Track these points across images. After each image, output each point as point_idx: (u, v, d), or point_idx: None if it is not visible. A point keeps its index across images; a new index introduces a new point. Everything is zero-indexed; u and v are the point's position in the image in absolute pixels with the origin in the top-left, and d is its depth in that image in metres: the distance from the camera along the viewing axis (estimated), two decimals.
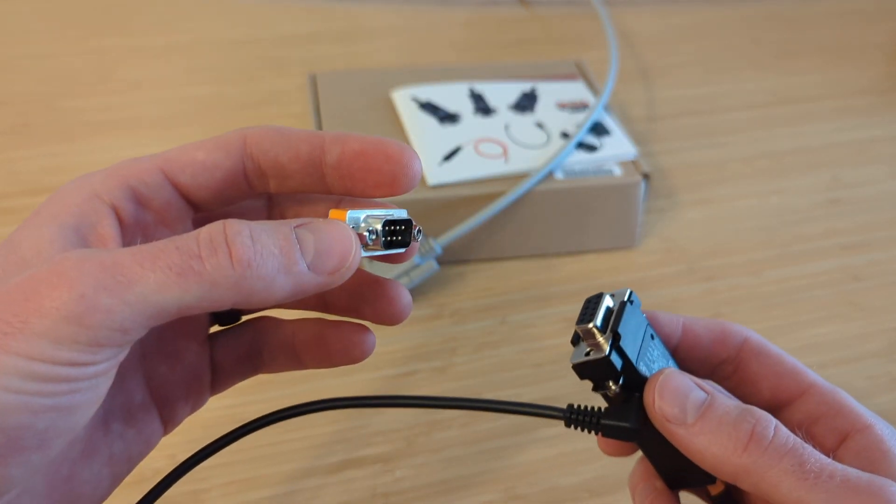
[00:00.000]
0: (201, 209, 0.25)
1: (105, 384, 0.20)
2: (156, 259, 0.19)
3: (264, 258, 0.20)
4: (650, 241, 0.51)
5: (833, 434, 0.25)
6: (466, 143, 0.49)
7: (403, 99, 0.52)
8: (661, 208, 0.53)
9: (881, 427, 0.24)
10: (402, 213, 0.24)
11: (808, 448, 0.22)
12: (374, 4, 0.75)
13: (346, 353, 0.27)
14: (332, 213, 0.23)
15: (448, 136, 0.49)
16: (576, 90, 0.54)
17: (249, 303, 0.20)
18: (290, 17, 0.73)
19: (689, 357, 0.27)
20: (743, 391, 0.27)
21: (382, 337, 0.44)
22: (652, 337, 0.25)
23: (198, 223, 0.25)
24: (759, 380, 0.26)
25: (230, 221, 0.20)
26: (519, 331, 0.44)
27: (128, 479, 0.34)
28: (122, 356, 0.20)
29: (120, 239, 0.22)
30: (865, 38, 0.74)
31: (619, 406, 0.25)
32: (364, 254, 0.22)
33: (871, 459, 0.23)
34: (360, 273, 0.26)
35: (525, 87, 0.54)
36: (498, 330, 0.44)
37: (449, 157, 0.47)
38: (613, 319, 0.24)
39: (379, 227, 0.23)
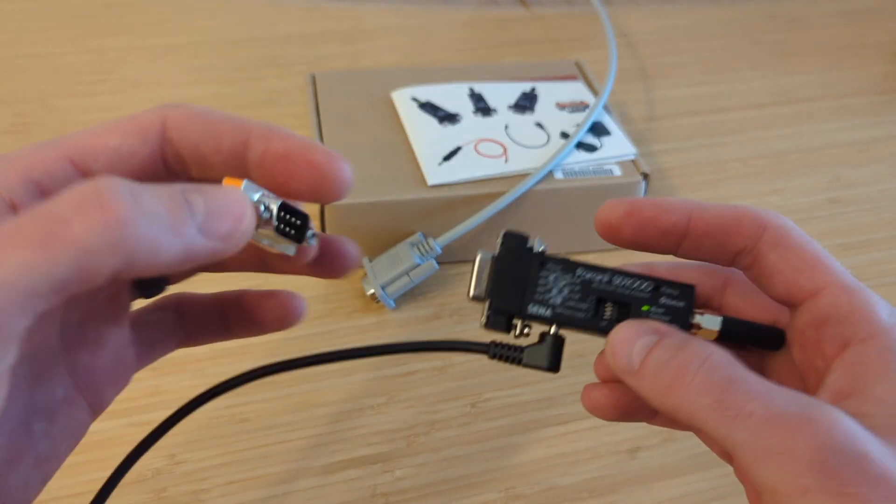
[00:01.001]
0: None
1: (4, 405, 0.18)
2: (12, 235, 0.16)
3: (148, 217, 0.17)
4: None
5: (836, 341, 0.23)
6: (466, 143, 0.49)
7: (403, 99, 0.52)
8: None
9: (886, 340, 0.22)
10: (302, 209, 0.23)
11: (738, 380, 0.21)
12: (375, 4, 0.75)
13: (279, 320, 0.27)
14: (227, 179, 0.21)
15: (448, 136, 0.49)
16: (575, 90, 0.54)
17: (133, 268, 0.18)
18: (290, 17, 0.73)
19: (700, 248, 0.25)
20: (762, 285, 0.25)
21: (383, 337, 0.44)
22: (543, 265, 0.25)
23: None
24: (774, 274, 0.24)
25: (104, 177, 0.18)
26: None
27: (127, 478, 0.34)
28: (10, 359, 0.17)
29: None
30: (865, 38, 0.74)
31: (536, 347, 0.26)
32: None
33: (860, 377, 0.22)
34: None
35: (525, 87, 0.54)
36: None
37: (449, 157, 0.47)
38: (488, 280, 0.25)
39: (274, 207, 0.21)
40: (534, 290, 0.25)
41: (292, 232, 0.22)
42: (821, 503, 0.19)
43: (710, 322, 0.25)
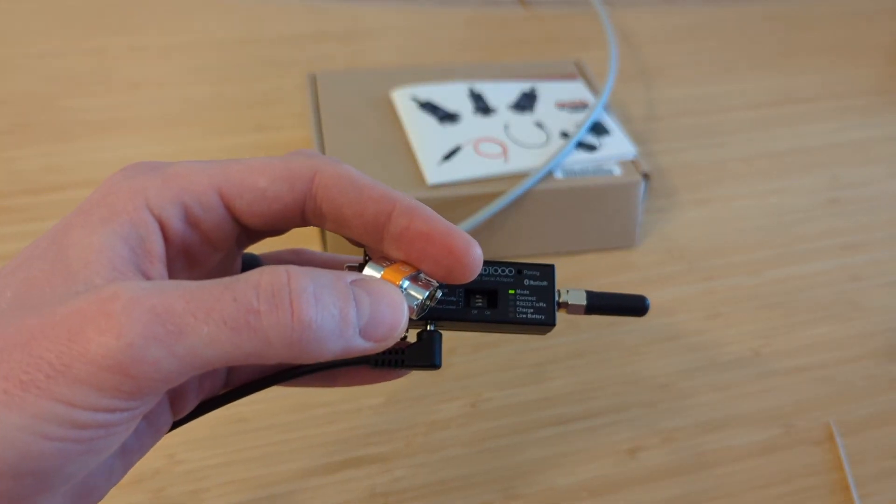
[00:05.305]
0: (249, 230, 0.24)
1: (135, 424, 0.20)
2: (210, 310, 0.18)
3: (324, 320, 0.19)
4: (650, 241, 0.51)
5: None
6: (466, 143, 0.49)
7: (403, 99, 0.52)
8: (661, 208, 0.53)
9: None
10: (435, 283, 0.24)
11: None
12: (375, 4, 0.75)
13: (378, 381, 0.28)
14: (387, 273, 0.23)
15: (448, 135, 0.49)
16: (575, 90, 0.54)
17: (296, 360, 0.20)
18: (290, 16, 0.73)
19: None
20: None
21: None
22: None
23: (242, 243, 0.25)
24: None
25: (294, 274, 0.19)
26: None
27: (127, 478, 0.34)
28: (158, 399, 0.20)
29: (164, 257, 0.22)
30: (865, 38, 0.74)
31: (416, 346, 0.26)
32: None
33: None
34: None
35: (525, 86, 0.54)
36: None
37: (449, 156, 0.47)
38: None
39: (421, 298, 0.23)
40: None
41: (429, 305, 0.24)
42: None
43: (576, 297, 0.27)
